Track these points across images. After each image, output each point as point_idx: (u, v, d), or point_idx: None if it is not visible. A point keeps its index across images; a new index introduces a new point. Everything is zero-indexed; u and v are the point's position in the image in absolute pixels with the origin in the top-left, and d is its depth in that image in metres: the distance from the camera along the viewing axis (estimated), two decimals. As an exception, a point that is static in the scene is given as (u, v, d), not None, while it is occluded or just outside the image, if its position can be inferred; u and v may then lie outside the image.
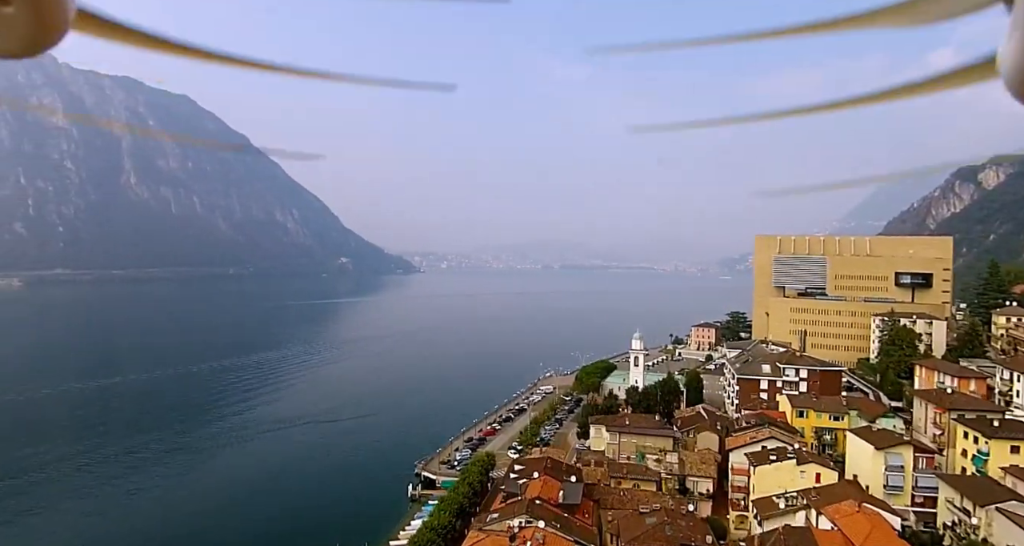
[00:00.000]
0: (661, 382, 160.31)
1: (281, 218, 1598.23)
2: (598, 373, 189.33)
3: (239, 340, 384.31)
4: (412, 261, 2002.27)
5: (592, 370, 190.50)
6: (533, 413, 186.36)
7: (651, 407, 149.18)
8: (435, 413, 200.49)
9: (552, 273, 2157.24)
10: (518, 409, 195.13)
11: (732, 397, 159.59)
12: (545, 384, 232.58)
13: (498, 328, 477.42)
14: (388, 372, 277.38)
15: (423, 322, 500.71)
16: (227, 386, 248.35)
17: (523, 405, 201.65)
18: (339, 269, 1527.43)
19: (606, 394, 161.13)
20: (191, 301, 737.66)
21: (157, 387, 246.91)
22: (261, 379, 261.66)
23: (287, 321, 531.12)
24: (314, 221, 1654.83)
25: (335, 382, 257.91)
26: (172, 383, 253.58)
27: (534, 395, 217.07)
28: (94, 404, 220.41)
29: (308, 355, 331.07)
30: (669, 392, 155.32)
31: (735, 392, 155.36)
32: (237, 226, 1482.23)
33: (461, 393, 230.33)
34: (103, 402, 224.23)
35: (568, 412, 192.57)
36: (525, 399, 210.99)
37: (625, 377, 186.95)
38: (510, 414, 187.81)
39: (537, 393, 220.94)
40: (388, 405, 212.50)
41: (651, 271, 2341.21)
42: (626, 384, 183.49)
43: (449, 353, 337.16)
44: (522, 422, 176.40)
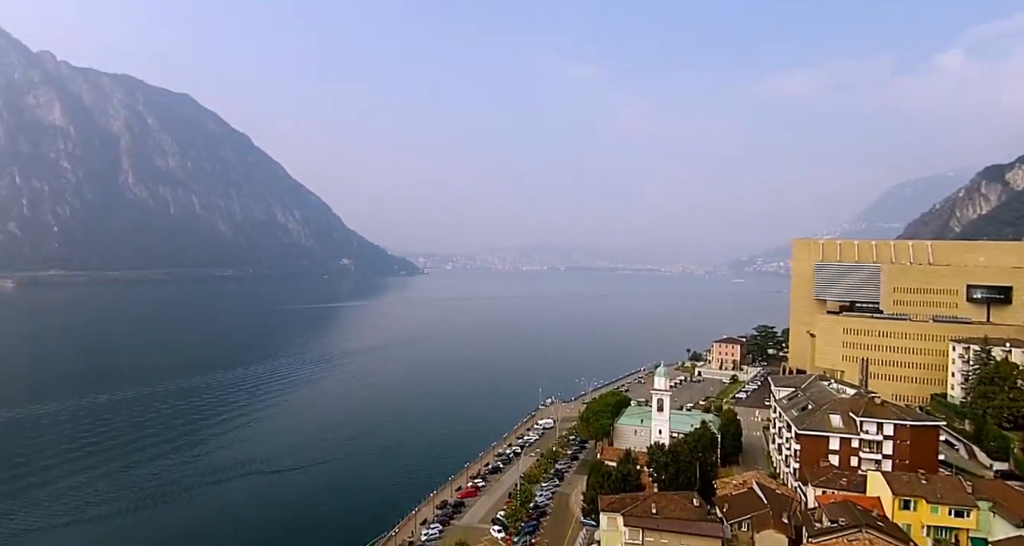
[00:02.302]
0: (693, 434, 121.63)
1: (282, 218, 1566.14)
2: (608, 412, 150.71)
3: (226, 352, 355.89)
4: (416, 262, 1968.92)
5: (600, 408, 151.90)
6: (528, 460, 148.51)
7: (681, 471, 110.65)
8: (406, 461, 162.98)
9: (558, 275, 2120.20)
10: (510, 454, 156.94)
11: (788, 456, 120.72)
12: (544, 417, 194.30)
13: (497, 339, 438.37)
14: (365, 399, 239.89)
15: (417, 332, 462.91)
16: (193, 412, 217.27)
17: (516, 447, 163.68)
18: (341, 270, 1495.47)
19: (620, 454, 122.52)
20: (186, 305, 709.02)
21: (125, 410, 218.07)
22: (227, 406, 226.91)
23: (280, 328, 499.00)
24: (316, 221, 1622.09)
25: (305, 412, 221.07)
26: (142, 405, 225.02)
27: (530, 432, 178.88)
28: (49, 432, 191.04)
29: (290, 372, 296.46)
30: (704, 448, 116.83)
31: (793, 452, 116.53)
32: (237, 227, 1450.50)
33: (443, 430, 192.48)
34: (59, 430, 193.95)
35: (572, 458, 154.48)
36: (520, 438, 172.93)
37: (643, 417, 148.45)
38: (499, 463, 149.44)
39: (535, 428, 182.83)
40: (352, 449, 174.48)
41: (657, 273, 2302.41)
42: (643, 427, 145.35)
43: (439, 373, 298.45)
44: (512, 475, 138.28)
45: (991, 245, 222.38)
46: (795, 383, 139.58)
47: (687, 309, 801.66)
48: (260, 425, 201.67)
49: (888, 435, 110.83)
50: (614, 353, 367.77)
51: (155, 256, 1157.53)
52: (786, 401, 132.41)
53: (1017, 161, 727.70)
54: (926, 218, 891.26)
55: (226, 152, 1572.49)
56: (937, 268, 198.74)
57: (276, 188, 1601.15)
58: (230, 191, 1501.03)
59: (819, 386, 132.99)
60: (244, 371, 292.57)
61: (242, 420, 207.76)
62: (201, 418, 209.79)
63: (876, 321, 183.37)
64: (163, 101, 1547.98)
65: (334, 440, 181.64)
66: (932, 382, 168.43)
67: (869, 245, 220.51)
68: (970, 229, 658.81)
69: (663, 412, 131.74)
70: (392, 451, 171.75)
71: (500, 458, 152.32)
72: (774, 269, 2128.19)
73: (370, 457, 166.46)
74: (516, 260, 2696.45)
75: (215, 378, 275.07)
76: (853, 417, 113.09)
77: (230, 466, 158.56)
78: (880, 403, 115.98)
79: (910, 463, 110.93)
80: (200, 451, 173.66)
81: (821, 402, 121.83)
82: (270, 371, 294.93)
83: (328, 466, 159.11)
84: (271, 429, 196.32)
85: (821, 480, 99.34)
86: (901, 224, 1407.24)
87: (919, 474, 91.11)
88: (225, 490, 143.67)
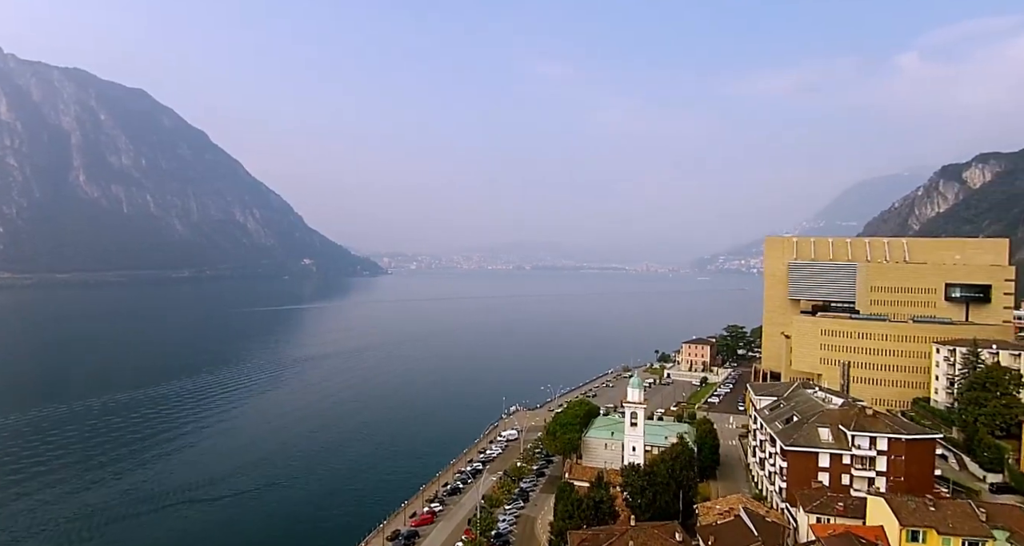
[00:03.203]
0: (670, 451, 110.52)
1: (241, 218, 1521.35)
2: (576, 424, 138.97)
3: (181, 359, 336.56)
4: (380, 262, 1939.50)
5: (568, 419, 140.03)
6: (490, 478, 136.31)
7: (659, 494, 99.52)
8: (357, 485, 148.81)
9: (523, 274, 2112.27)
10: (471, 471, 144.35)
11: (773, 473, 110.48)
12: (508, 427, 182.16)
13: (458, 343, 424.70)
14: (318, 412, 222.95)
15: (379, 336, 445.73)
16: (140, 427, 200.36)
17: (477, 463, 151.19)
18: (302, 271, 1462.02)
19: (591, 474, 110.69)
20: (140, 309, 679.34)
21: (73, 425, 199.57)
22: (176, 420, 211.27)
23: (238, 332, 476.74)
24: (276, 221, 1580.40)
25: (254, 427, 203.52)
26: (92, 420, 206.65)
27: (493, 445, 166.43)
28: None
29: (245, 381, 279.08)
30: (682, 466, 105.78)
31: (779, 470, 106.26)
32: (194, 226, 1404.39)
33: (399, 446, 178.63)
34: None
35: (537, 474, 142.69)
36: (481, 453, 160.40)
37: (614, 430, 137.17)
38: (458, 482, 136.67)
39: (497, 441, 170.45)
40: (299, 470, 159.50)
41: (622, 271, 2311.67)
42: (614, 440, 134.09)
43: (396, 381, 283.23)
44: (473, 497, 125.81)
45: (968, 242, 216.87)
46: (777, 391, 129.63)
47: (653, 308, 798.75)
48: (208, 443, 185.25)
49: (882, 450, 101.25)
50: (580, 355, 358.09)
51: (107, 257, 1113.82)
52: (768, 412, 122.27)
53: (974, 160, 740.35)
54: (885, 216, 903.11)
55: (182, 149, 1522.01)
56: (915, 266, 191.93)
57: (235, 186, 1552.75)
58: (187, 189, 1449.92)
59: (803, 395, 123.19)
60: (198, 380, 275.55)
61: (191, 437, 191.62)
62: (151, 433, 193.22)
63: (855, 322, 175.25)
64: (116, 96, 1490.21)
65: (282, 460, 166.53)
66: (914, 386, 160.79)
67: (844, 242, 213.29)
68: (928, 227, 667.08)
69: (637, 427, 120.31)
70: (343, 473, 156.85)
71: (460, 477, 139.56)
72: (736, 267, 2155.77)
73: (317, 481, 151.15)
74: (482, 259, 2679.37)
75: (168, 388, 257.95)
76: (844, 431, 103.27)
77: (169, 492, 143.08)
78: (872, 414, 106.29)
79: (905, 480, 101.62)
80: (145, 474, 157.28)
81: (807, 413, 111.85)
82: (224, 380, 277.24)
83: (272, 491, 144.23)
84: (218, 448, 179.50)
85: (815, 505, 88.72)
86: (858, 222, 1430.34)
87: (926, 499, 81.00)
88: (163, 519, 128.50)
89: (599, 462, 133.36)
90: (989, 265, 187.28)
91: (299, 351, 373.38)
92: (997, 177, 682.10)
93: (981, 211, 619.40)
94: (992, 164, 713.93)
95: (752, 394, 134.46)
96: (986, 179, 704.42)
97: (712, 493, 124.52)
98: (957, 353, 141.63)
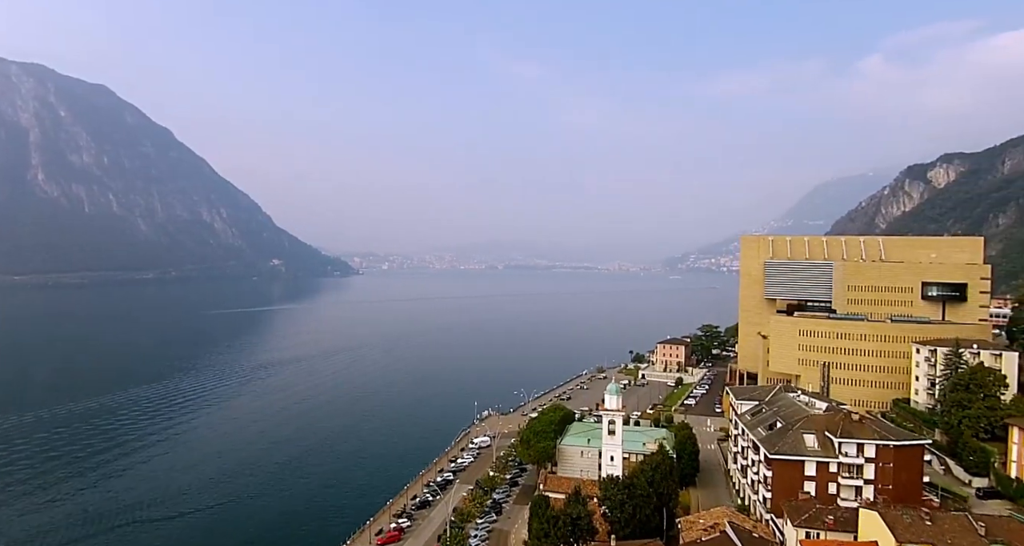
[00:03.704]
0: (649, 461, 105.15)
1: (208, 218, 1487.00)
2: (550, 431, 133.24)
3: (143, 364, 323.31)
4: (351, 262, 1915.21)
5: (542, 426, 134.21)
6: (462, 488, 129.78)
7: (639, 508, 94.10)
8: (322, 500, 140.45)
9: (496, 274, 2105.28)
10: (441, 482, 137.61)
11: (757, 482, 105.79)
12: (480, 433, 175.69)
13: (431, 344, 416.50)
14: (283, 420, 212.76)
15: (348, 338, 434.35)
16: (98, 439, 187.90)
17: (448, 473, 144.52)
18: (271, 272, 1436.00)
19: (567, 486, 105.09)
20: (101, 311, 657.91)
21: (22, 438, 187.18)
22: (133, 431, 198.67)
23: (204, 336, 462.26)
24: (244, 221, 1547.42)
25: (218, 439, 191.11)
26: (45, 431, 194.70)
27: (465, 453, 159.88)
28: None
29: (205, 388, 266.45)
30: (663, 476, 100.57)
31: (763, 478, 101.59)
32: (159, 226, 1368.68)
33: (367, 457, 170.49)
34: None
35: (511, 484, 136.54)
36: (452, 462, 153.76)
37: (590, 437, 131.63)
38: (428, 495, 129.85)
39: (469, 449, 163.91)
40: (261, 485, 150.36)
41: (594, 271, 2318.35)
42: (590, 447, 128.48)
43: (367, 385, 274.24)
44: (443, 511, 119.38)
45: (943, 241, 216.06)
46: (758, 395, 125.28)
47: (627, 307, 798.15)
48: (167, 457, 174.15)
49: (869, 457, 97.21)
50: (554, 356, 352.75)
51: (67, 258, 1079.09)
52: (749, 417, 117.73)
53: (938, 160, 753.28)
54: (852, 215, 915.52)
55: (146, 147, 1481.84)
56: (892, 265, 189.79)
57: (201, 185, 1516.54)
58: (151, 189, 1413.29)
59: (785, 399, 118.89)
60: (160, 387, 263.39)
61: (148, 450, 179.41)
62: (108, 446, 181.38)
63: (833, 322, 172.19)
64: (77, 92, 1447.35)
65: (241, 476, 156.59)
66: (893, 386, 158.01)
67: (820, 241, 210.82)
68: (895, 226, 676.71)
69: (615, 436, 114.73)
70: (305, 489, 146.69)
71: (429, 489, 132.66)
72: (707, 266, 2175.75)
73: (277, 498, 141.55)
74: (454, 259, 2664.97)
75: (128, 396, 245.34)
76: (830, 438, 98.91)
77: (129, 509, 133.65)
78: (858, 420, 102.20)
79: (894, 488, 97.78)
80: (105, 490, 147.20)
81: (790, 419, 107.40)
82: (188, 387, 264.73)
83: (226, 510, 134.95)
84: (177, 462, 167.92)
85: (803, 518, 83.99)
86: (825, 221, 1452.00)
87: (921, 512, 76.59)
88: (122, 540, 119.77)
89: (575, 471, 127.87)
90: (965, 264, 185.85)
91: (266, 355, 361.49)
92: (961, 177, 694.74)
93: (946, 210, 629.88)
94: (956, 164, 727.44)
95: (733, 398, 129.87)
96: (950, 179, 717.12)
97: (693, 502, 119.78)
98: (938, 354, 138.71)
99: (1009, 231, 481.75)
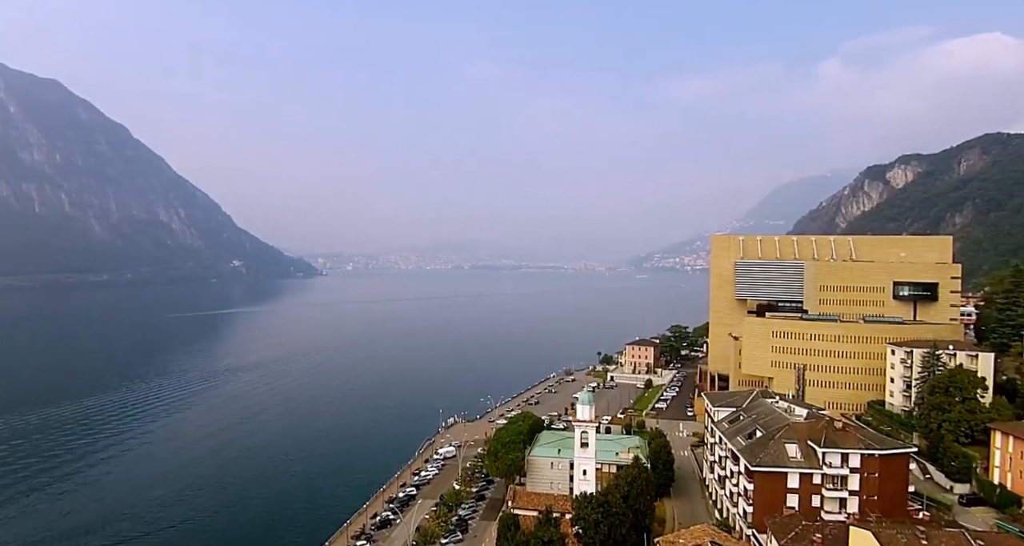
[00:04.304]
0: (624, 475, 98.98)
1: (165, 217, 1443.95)
2: (519, 441, 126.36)
3: (95, 373, 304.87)
4: (315, 263, 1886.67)
5: (511, 437, 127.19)
6: (426, 504, 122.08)
7: (615, 527, 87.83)
8: (277, 522, 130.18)
9: (462, 274, 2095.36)
10: (404, 498, 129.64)
11: (736, 494, 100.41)
12: (445, 443, 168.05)
13: (395, 347, 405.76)
14: (239, 431, 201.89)
15: (310, 343, 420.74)
16: (38, 456, 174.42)
17: (411, 487, 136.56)
18: (231, 273, 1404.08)
19: (538, 503, 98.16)
20: (52, 316, 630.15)
21: None
22: (76, 448, 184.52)
23: (160, 341, 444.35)
24: (203, 220, 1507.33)
25: (169, 455, 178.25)
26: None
27: (429, 465, 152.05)
28: None
29: (160, 397, 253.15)
30: (639, 492, 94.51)
31: (743, 491, 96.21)
32: (113, 227, 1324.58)
33: (325, 472, 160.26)
34: None
35: (477, 498, 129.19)
36: (416, 474, 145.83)
37: (560, 447, 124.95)
38: (389, 513, 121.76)
39: (434, 460, 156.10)
40: (214, 508, 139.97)
41: (561, 270, 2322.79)
42: (561, 458, 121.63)
43: (328, 391, 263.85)
44: (404, 530, 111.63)
45: (914, 240, 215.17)
46: (735, 402, 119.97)
47: (594, 306, 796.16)
48: (111, 474, 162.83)
49: (854, 468, 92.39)
50: (521, 359, 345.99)
51: (16, 260, 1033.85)
52: (727, 424, 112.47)
53: (897, 161, 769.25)
54: (814, 215, 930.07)
55: (101, 144, 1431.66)
56: (863, 265, 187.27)
57: (158, 184, 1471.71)
58: (105, 188, 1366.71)
59: (763, 405, 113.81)
60: (111, 397, 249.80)
61: (96, 468, 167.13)
62: (53, 464, 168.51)
63: (807, 323, 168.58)
64: (28, 87, 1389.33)
65: (200, 492, 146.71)
66: (868, 387, 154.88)
67: (790, 240, 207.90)
68: (855, 225, 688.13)
69: (588, 448, 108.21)
70: (259, 508, 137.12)
71: (391, 506, 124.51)
72: (671, 265, 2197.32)
73: (229, 519, 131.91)
74: (420, 260, 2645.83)
75: (77, 407, 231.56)
76: (813, 447, 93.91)
77: (67, 534, 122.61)
78: (841, 427, 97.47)
79: (879, 499, 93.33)
80: (51, 512, 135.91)
81: (770, 427, 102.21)
82: (138, 398, 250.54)
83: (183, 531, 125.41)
84: (124, 480, 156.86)
85: (789, 538, 78.39)
86: (786, 221, 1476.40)
87: (916, 531, 71.53)
88: None
89: (545, 483, 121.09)
90: (935, 263, 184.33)
91: (223, 362, 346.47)
92: (919, 177, 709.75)
93: (904, 209, 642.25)
94: (914, 165, 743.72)
95: (709, 405, 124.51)
96: (908, 179, 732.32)
97: (668, 514, 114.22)
98: (915, 355, 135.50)
99: (965, 230, 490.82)
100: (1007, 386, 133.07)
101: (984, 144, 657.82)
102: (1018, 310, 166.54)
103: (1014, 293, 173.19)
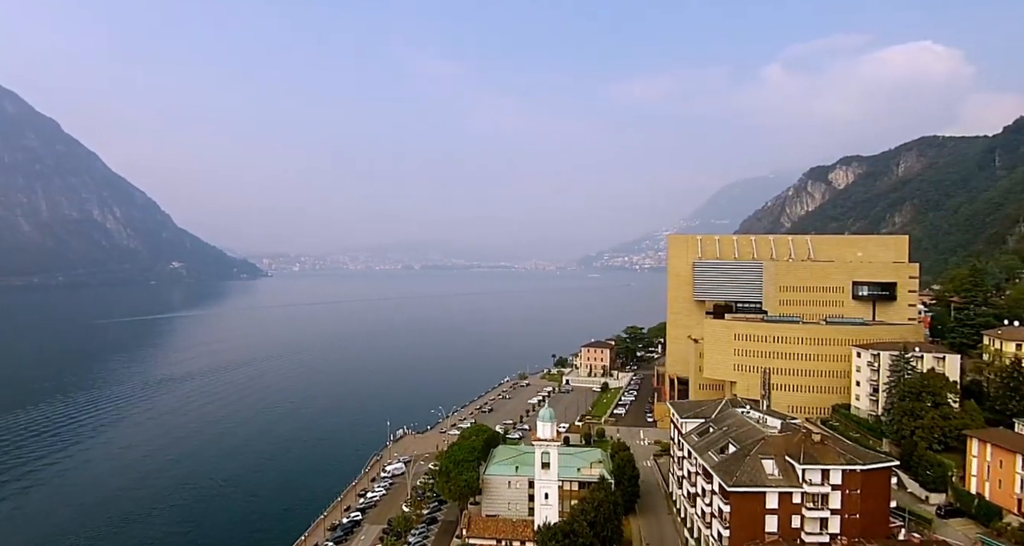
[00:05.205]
0: (591, 500, 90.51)
1: (99, 217, 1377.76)
2: (473, 458, 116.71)
3: (14, 384, 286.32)
4: (259, 264, 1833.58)
5: (464, 455, 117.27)
6: (372, 530, 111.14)
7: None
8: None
9: (412, 274, 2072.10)
10: (348, 524, 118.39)
11: (710, 515, 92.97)
12: (393, 458, 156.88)
13: (342, 352, 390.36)
14: (170, 452, 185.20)
15: (252, 349, 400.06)
16: None
17: (356, 511, 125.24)
18: (171, 275, 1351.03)
19: (494, 531, 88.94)
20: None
21: None
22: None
23: (94, 349, 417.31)
24: (141, 220, 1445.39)
25: (75, 480, 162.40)
26: None
27: (376, 484, 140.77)
28: None
29: (83, 412, 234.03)
30: (607, 519, 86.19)
31: (718, 512, 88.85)
32: (43, 227, 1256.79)
33: (260, 494, 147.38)
34: None
35: (428, 522, 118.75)
36: (361, 495, 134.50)
37: (518, 464, 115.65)
38: (330, 543, 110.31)
39: (381, 478, 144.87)
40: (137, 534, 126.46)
41: (512, 270, 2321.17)
42: (518, 476, 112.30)
43: (269, 403, 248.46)
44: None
45: (871, 239, 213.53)
46: (704, 412, 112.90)
47: (547, 306, 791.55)
48: (37, 496, 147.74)
49: (836, 485, 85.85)
50: (474, 362, 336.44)
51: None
52: (696, 437, 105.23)
53: (838, 163, 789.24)
54: (759, 214, 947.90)
55: (29, 139, 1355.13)
56: (823, 265, 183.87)
57: (92, 182, 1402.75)
58: (34, 185, 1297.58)
59: (734, 416, 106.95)
60: (38, 410, 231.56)
61: (22, 496, 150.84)
62: None
63: (769, 325, 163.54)
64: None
65: (126, 524, 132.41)
66: (833, 391, 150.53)
67: (748, 240, 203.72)
68: (799, 224, 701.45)
69: (550, 469, 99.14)
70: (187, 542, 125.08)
71: (334, 534, 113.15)
72: (620, 264, 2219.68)
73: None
74: (369, 260, 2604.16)
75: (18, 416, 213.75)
76: (791, 463, 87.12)
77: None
78: (820, 440, 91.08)
79: (861, 516, 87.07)
80: None
81: (744, 441, 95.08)
82: (65, 411, 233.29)
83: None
84: (38, 505, 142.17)
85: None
86: (731, 221, 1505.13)
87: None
88: None
89: (502, 504, 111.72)
90: (892, 262, 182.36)
91: (159, 370, 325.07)
92: (859, 178, 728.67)
93: (846, 209, 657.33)
94: (855, 166, 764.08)
95: (676, 415, 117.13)
96: (850, 180, 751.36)
97: (635, 535, 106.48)
98: (883, 358, 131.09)
99: (905, 229, 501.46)
100: (972, 388, 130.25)
101: (920, 147, 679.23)
102: (977, 310, 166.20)
103: (972, 292, 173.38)
